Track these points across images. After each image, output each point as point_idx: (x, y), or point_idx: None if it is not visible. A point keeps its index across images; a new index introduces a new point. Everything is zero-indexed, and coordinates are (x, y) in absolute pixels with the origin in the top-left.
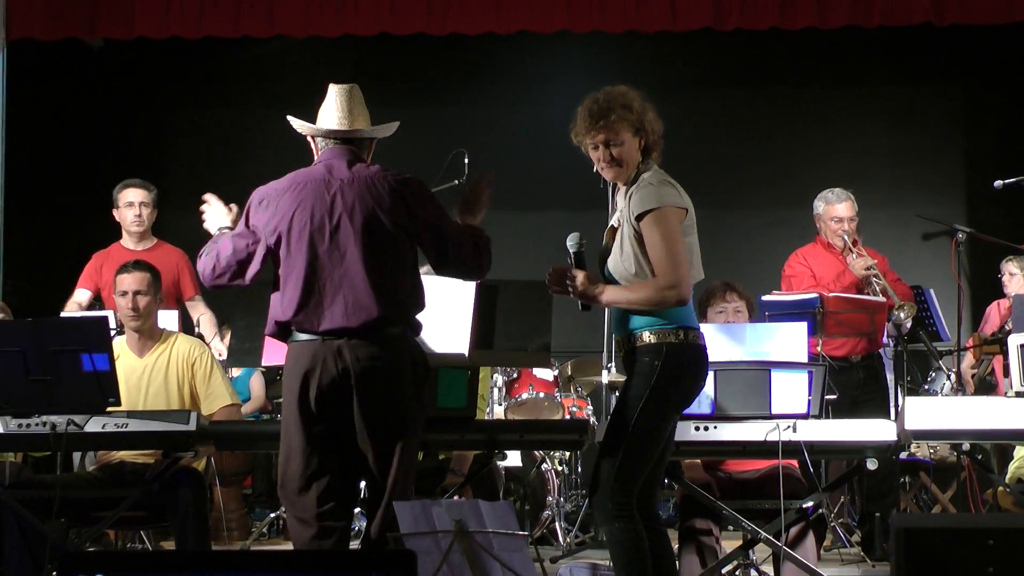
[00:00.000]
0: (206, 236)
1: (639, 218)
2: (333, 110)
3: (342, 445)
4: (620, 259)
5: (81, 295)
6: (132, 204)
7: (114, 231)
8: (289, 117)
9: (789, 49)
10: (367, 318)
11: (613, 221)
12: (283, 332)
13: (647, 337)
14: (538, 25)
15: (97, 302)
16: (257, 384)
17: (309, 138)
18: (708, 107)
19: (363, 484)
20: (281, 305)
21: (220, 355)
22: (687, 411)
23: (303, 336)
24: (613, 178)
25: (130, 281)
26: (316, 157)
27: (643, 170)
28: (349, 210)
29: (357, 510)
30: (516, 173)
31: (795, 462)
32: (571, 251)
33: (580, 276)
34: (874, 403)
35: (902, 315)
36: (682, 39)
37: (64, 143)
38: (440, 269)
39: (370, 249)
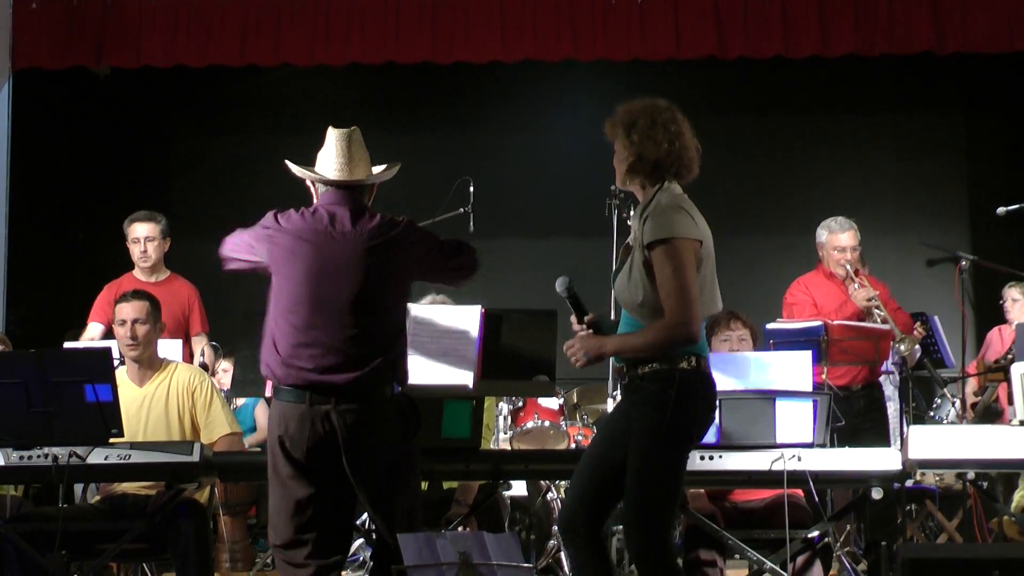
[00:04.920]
0: (213, 265)
1: (650, 247)
2: (333, 156)
3: (332, 499)
4: (627, 284)
5: (94, 329)
6: (138, 240)
7: (120, 260)
8: (287, 162)
9: (792, 77)
10: (359, 379)
11: (629, 239)
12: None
13: (657, 364)
14: (544, 53)
15: (110, 335)
16: (261, 414)
17: (308, 182)
18: (713, 135)
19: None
20: (274, 355)
21: (224, 374)
22: None
23: (288, 397)
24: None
25: (128, 310)
26: (315, 200)
27: (659, 192)
28: (350, 267)
29: (361, 541)
30: (522, 201)
31: (800, 491)
32: (564, 296)
33: (577, 345)
34: (874, 431)
35: (903, 348)
36: (687, 67)
37: (70, 171)
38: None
39: (368, 306)
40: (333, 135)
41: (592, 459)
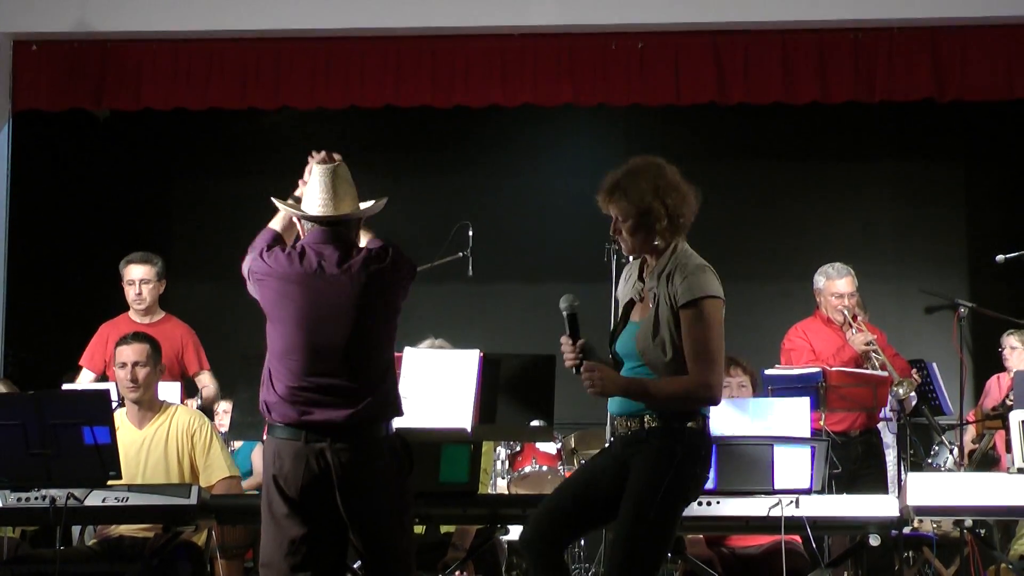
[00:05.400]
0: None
1: (685, 306)
2: (317, 192)
3: (326, 538)
4: (652, 344)
5: (85, 377)
6: (133, 282)
7: (119, 301)
8: (273, 199)
9: (792, 123)
10: (354, 417)
11: (633, 295)
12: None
13: (667, 420)
14: (543, 98)
15: (103, 380)
16: (259, 458)
17: (295, 218)
18: (712, 180)
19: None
20: (272, 394)
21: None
22: None
23: (284, 434)
24: (626, 252)
25: (129, 353)
26: (303, 236)
27: (675, 249)
28: (341, 312)
29: None
30: (520, 245)
31: (798, 537)
32: (564, 313)
33: (597, 375)
34: (871, 477)
35: (900, 391)
36: (686, 113)
37: (70, 214)
38: None
39: (361, 347)
40: (317, 170)
41: (575, 486)
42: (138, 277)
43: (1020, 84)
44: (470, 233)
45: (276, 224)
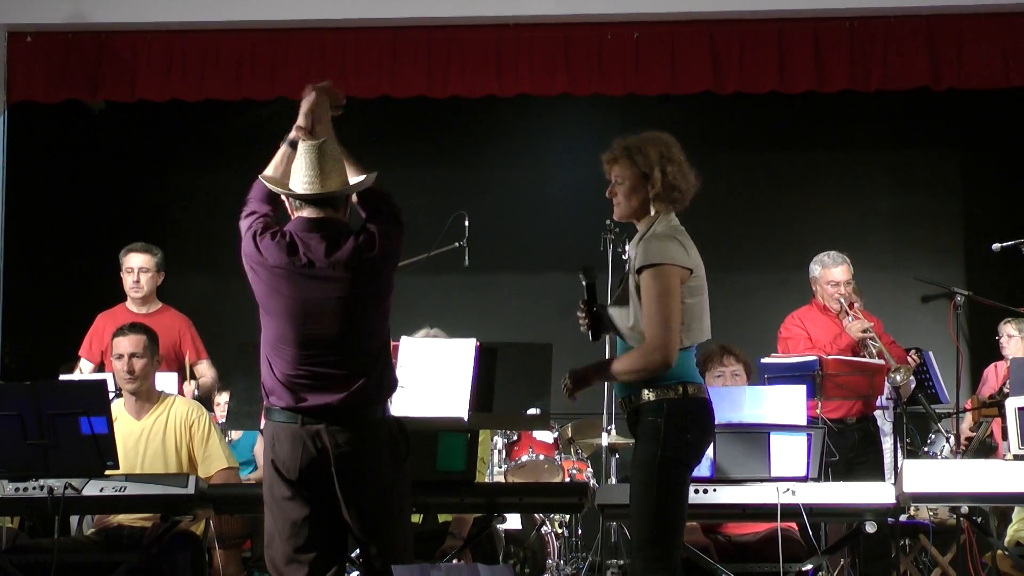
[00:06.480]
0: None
1: (639, 271)
2: (302, 170)
3: (327, 520)
4: (620, 311)
5: (84, 367)
6: (132, 270)
7: (115, 293)
8: (261, 178)
9: (788, 112)
10: (348, 402)
11: (627, 268)
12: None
13: (648, 396)
14: (539, 88)
15: (101, 370)
16: (260, 450)
17: (283, 197)
18: (707, 169)
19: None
20: (270, 377)
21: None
22: None
23: (281, 417)
24: (617, 215)
25: (126, 344)
26: (291, 215)
27: (657, 220)
28: (331, 307)
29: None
30: (517, 235)
31: (795, 525)
32: (584, 284)
33: (566, 378)
34: (868, 465)
35: (898, 378)
36: (682, 102)
37: (65, 206)
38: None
39: (354, 334)
40: (303, 147)
41: None
42: (137, 265)
43: (1017, 72)
44: (466, 223)
45: (270, 170)
